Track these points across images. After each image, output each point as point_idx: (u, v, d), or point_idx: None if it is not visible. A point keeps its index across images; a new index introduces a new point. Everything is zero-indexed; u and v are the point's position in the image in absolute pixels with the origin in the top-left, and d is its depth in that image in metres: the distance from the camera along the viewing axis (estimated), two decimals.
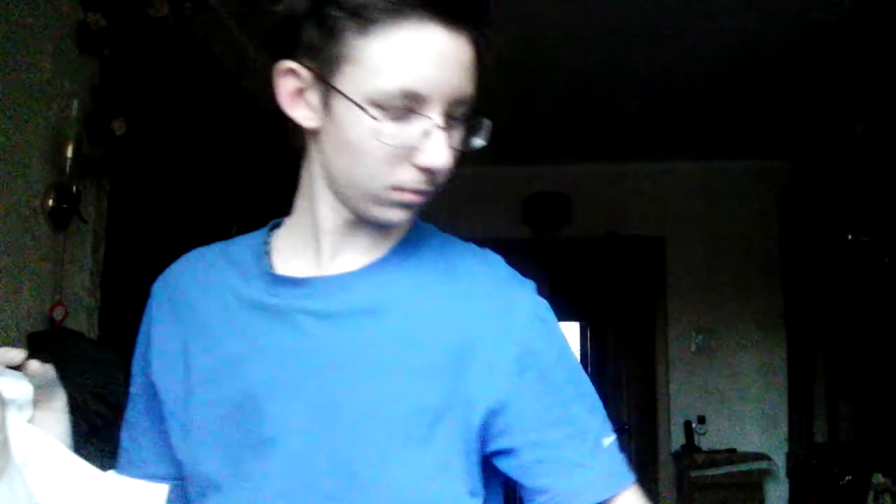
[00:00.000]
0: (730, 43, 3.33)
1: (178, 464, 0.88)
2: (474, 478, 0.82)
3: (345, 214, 0.85)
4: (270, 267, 0.88)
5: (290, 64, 0.80)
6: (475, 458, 0.82)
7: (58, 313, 2.00)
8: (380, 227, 0.86)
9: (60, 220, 2.04)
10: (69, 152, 2.00)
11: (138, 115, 2.28)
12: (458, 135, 0.81)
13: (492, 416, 0.81)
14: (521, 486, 0.85)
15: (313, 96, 0.80)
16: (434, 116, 0.77)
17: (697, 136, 4.55)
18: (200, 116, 2.83)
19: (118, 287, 2.32)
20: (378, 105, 0.76)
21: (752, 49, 3.39)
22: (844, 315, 4.12)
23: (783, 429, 4.76)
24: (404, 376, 0.81)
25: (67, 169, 2.01)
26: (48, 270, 2.02)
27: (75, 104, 2.03)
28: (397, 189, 0.79)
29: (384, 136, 0.76)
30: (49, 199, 2.00)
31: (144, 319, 0.94)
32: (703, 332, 4.87)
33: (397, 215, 0.82)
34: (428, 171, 0.79)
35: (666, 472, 4.85)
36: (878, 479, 3.48)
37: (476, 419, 0.81)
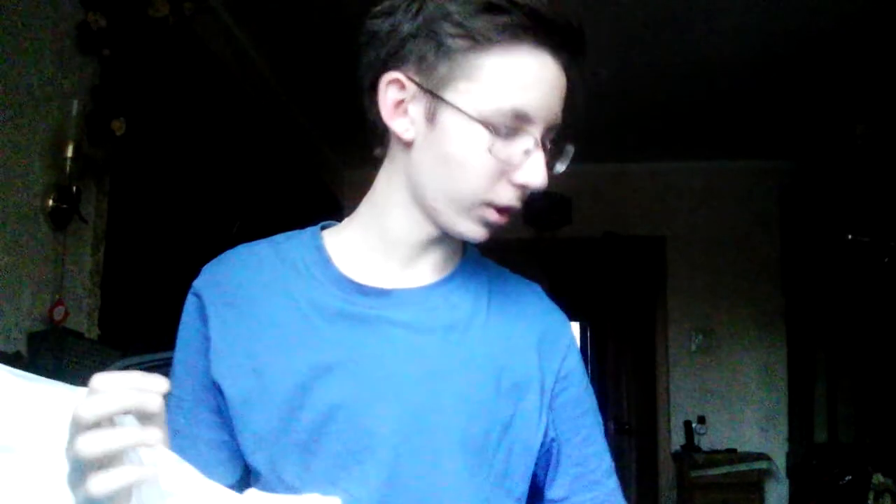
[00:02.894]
0: (730, 43, 3.33)
1: (231, 471, 0.87)
2: (525, 484, 0.90)
3: (426, 229, 0.87)
4: (341, 272, 0.88)
5: (396, 75, 0.82)
6: (531, 468, 0.90)
7: (58, 313, 2.00)
8: (451, 247, 0.91)
9: (60, 220, 2.04)
10: (69, 152, 2.00)
11: (138, 115, 2.28)
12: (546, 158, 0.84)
13: (546, 433, 0.91)
14: (539, 489, 0.94)
15: (416, 108, 0.83)
16: (536, 137, 0.81)
17: (698, 136, 4.55)
18: (200, 116, 2.83)
19: (118, 287, 2.32)
20: (488, 122, 0.79)
21: (753, 49, 3.39)
22: (844, 315, 4.12)
23: (783, 429, 4.76)
24: (484, 392, 0.86)
25: (67, 169, 2.01)
26: (48, 270, 2.03)
27: (75, 104, 2.03)
28: (489, 205, 0.82)
29: (494, 150, 0.79)
30: (49, 199, 2.01)
31: (191, 318, 0.89)
32: (703, 332, 4.87)
33: (479, 232, 0.84)
34: (522, 189, 0.82)
35: (666, 472, 4.85)
36: (878, 479, 3.48)
37: (539, 435, 0.89)
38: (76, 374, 1.88)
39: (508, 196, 0.82)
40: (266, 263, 0.89)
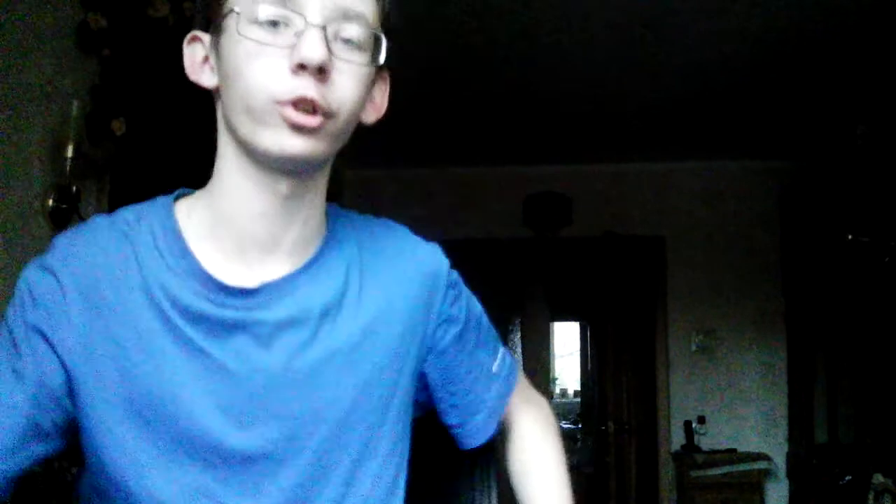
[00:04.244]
0: (730, 43, 3.33)
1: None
2: (407, 427, 0.92)
3: (261, 196, 0.80)
4: (201, 265, 0.80)
5: (192, 32, 0.84)
6: (410, 412, 0.93)
7: None
8: (306, 221, 0.83)
9: (60, 220, 2.04)
10: (69, 152, 2.00)
11: (138, 115, 2.28)
12: (353, 55, 0.77)
13: (422, 377, 0.94)
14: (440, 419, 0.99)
15: (211, 53, 0.82)
16: (307, 18, 0.75)
17: (697, 136, 4.55)
18: (200, 116, 2.83)
19: None
20: (254, 21, 0.75)
21: (753, 49, 3.39)
22: (844, 315, 4.12)
23: (783, 429, 4.76)
24: (372, 371, 0.86)
25: (67, 169, 2.00)
26: None
27: (75, 104, 2.03)
28: (280, 103, 0.74)
29: (259, 38, 0.75)
30: (49, 199, 2.01)
31: (50, 295, 0.78)
32: (703, 332, 4.87)
33: (290, 142, 0.75)
34: (301, 69, 0.74)
35: (666, 472, 4.85)
36: (878, 479, 3.48)
37: (412, 384, 0.91)
38: None
39: (294, 84, 0.74)
40: (122, 248, 0.80)
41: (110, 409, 0.78)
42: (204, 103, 0.90)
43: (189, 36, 0.84)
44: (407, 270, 0.91)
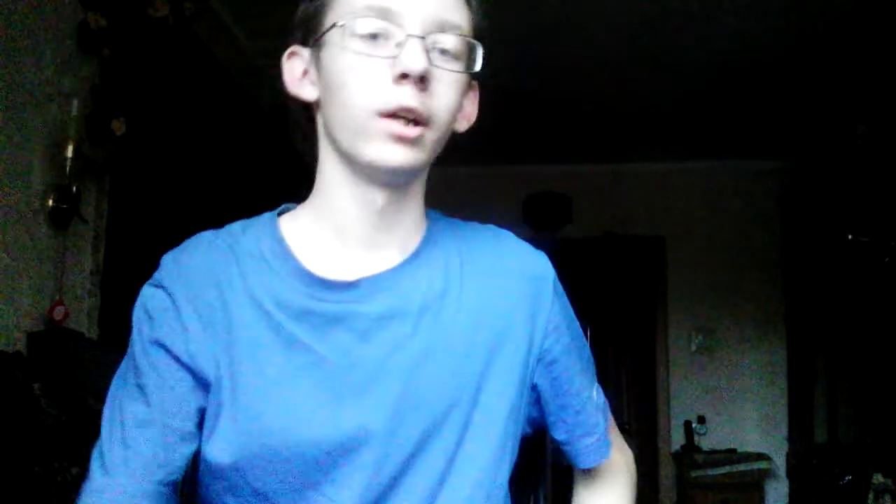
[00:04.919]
0: (730, 43, 3.33)
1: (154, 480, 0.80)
2: (515, 438, 0.89)
3: (368, 197, 0.83)
4: (301, 264, 0.84)
5: (291, 48, 0.87)
6: (520, 423, 0.90)
7: (58, 313, 2.00)
8: (409, 219, 0.87)
9: (60, 220, 2.04)
10: (69, 152, 2.00)
11: (138, 115, 2.29)
12: (450, 64, 0.81)
13: (534, 389, 0.91)
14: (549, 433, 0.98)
15: (312, 67, 0.85)
16: (408, 30, 0.78)
17: (697, 136, 4.55)
18: (200, 116, 2.83)
19: (118, 287, 2.32)
20: (355, 34, 0.78)
21: (753, 49, 3.39)
22: (845, 315, 4.12)
23: (783, 429, 4.76)
24: (473, 369, 0.85)
25: (67, 169, 2.01)
26: (48, 270, 2.03)
27: (75, 104, 2.03)
28: (382, 116, 0.78)
29: (361, 50, 0.78)
30: (49, 199, 2.01)
31: (163, 308, 0.82)
32: (703, 332, 4.87)
33: (393, 153, 0.79)
34: (403, 78, 0.77)
35: (666, 472, 4.85)
36: (878, 479, 3.48)
37: (520, 392, 0.88)
38: (76, 374, 1.88)
39: (396, 95, 0.77)
40: (226, 258, 0.84)
41: (218, 406, 0.81)
42: (204, 105, 0.90)
43: (288, 51, 0.87)
44: (509, 272, 0.90)
